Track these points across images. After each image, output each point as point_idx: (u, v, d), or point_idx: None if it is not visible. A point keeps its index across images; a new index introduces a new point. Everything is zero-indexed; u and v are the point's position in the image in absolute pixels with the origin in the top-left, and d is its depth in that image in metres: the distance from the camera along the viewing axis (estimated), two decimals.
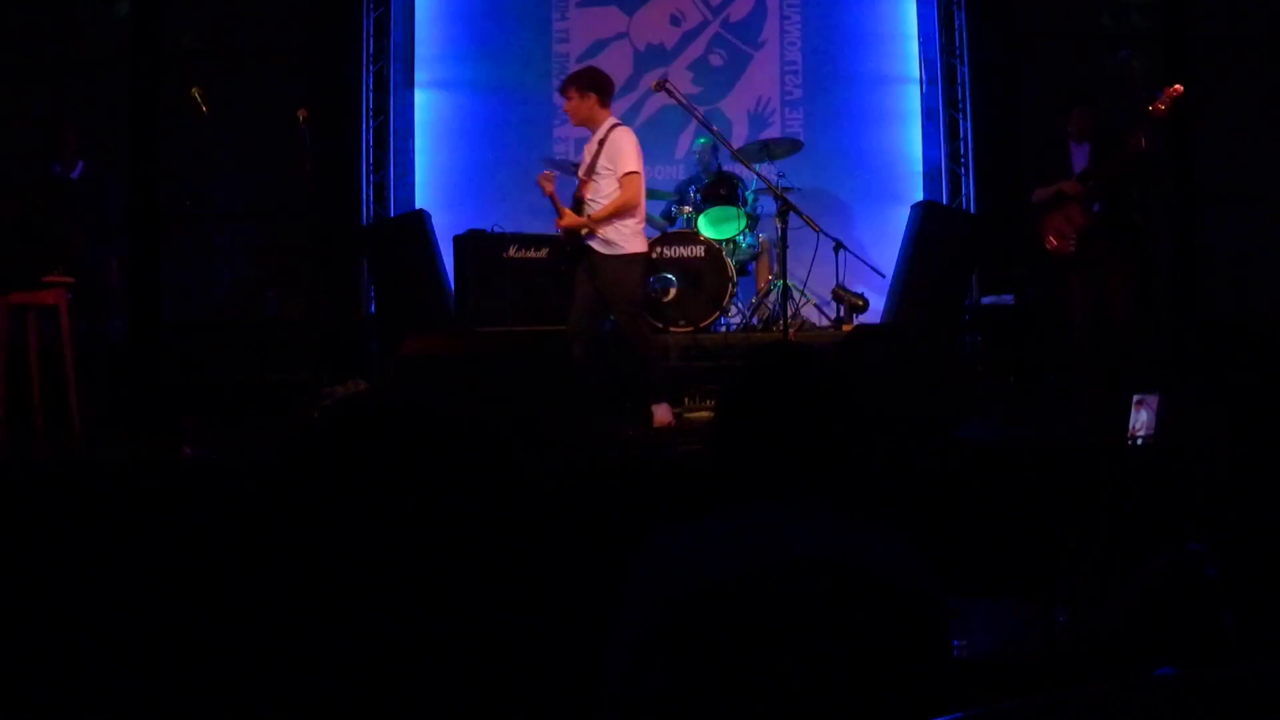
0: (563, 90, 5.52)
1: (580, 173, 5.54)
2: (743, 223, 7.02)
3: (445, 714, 0.80)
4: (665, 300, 6.71)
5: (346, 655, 0.79)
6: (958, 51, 7.84)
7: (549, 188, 5.49)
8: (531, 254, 6.92)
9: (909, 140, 8.17)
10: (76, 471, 4.49)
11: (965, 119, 7.84)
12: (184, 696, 3.03)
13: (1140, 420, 4.01)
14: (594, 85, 5.42)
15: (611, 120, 5.46)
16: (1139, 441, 3.95)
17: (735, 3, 8.20)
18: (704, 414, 5.66)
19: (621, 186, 5.32)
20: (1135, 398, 4.07)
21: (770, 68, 8.22)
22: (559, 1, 8.27)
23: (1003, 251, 7.62)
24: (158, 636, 3.50)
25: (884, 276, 7.15)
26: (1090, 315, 5.75)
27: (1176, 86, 5.36)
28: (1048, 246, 5.82)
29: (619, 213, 5.32)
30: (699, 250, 6.76)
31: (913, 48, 8.14)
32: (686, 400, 6.02)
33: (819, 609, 1.46)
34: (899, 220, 7.56)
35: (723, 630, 1.46)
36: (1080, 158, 5.75)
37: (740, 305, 7.16)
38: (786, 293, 6.13)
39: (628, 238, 5.35)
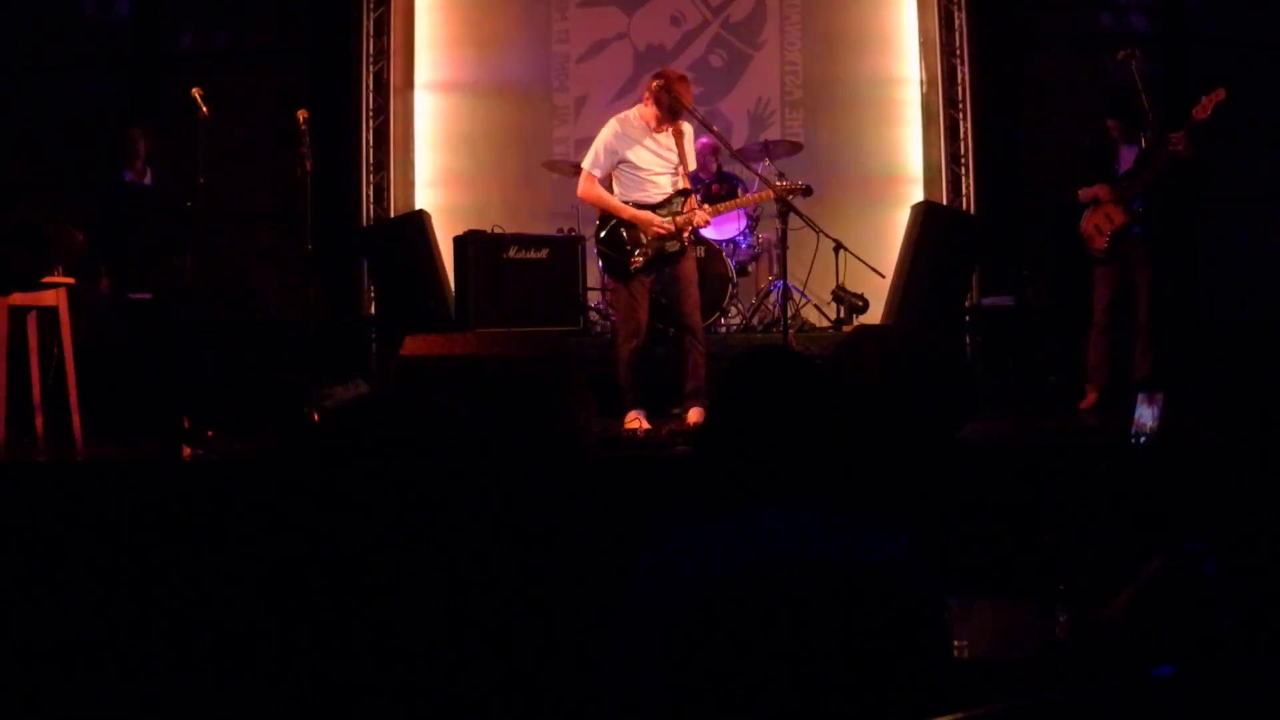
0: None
1: (676, 169, 5.37)
2: (742, 223, 7.02)
3: (447, 714, 0.80)
4: (665, 301, 6.70)
5: (347, 656, 0.79)
6: (958, 51, 7.84)
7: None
8: (531, 254, 6.91)
9: (909, 140, 8.16)
10: (76, 471, 4.50)
11: (965, 119, 7.83)
12: (183, 696, 3.03)
13: (1144, 418, 4.02)
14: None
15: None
16: (1142, 440, 3.95)
17: (735, 3, 8.20)
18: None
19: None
20: (1140, 395, 4.08)
21: (770, 68, 8.21)
22: (559, 1, 8.26)
23: (1003, 252, 7.63)
24: (158, 636, 3.50)
25: (884, 277, 7.15)
26: (1110, 312, 5.80)
27: (1219, 91, 5.37)
28: (1085, 240, 5.89)
29: None
30: (699, 250, 6.75)
31: (913, 48, 8.14)
32: None
33: (819, 609, 1.47)
34: (899, 221, 7.56)
35: (723, 630, 1.46)
36: (1128, 159, 5.80)
37: (740, 306, 7.15)
38: (786, 293, 6.13)
39: None
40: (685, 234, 5.33)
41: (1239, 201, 7.84)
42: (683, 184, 5.34)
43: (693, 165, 5.43)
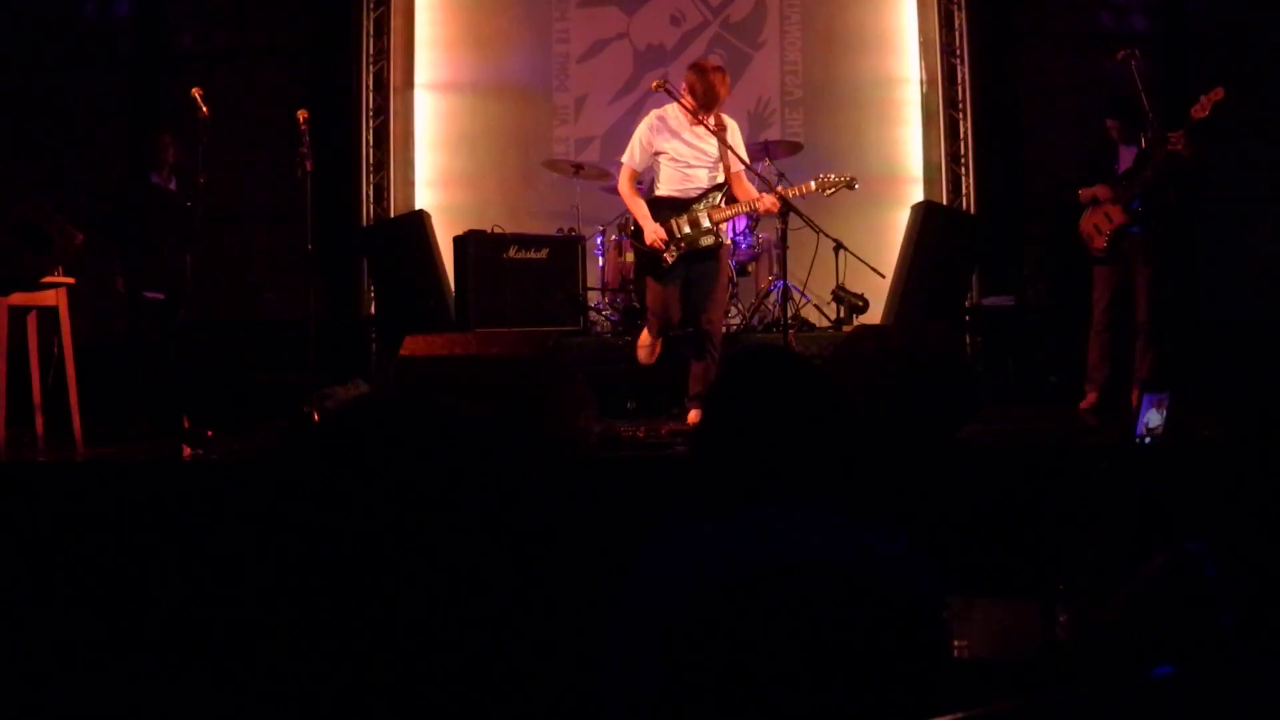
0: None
1: (715, 164, 5.32)
2: (742, 223, 7.02)
3: (447, 714, 0.80)
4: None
5: (348, 656, 0.79)
6: (958, 51, 7.84)
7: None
8: (531, 254, 6.91)
9: (909, 140, 8.16)
10: (76, 471, 4.49)
11: (965, 119, 7.84)
12: (183, 696, 3.03)
13: (1152, 419, 4.02)
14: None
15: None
16: (1149, 440, 3.95)
17: (735, 3, 8.20)
18: None
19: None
20: (1147, 396, 4.08)
21: (770, 68, 8.22)
22: (559, 1, 8.27)
23: (1003, 252, 7.63)
24: (158, 636, 3.50)
25: (884, 277, 7.14)
26: (1109, 312, 5.81)
27: (1218, 90, 5.36)
28: (1084, 240, 5.91)
29: None
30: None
31: (913, 48, 8.14)
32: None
33: (819, 609, 1.46)
34: (899, 220, 7.56)
35: (723, 630, 1.46)
36: (1127, 159, 5.82)
37: (740, 306, 7.15)
38: (786, 293, 6.13)
39: None
40: (723, 230, 5.36)
41: (1239, 201, 7.84)
42: (720, 178, 5.34)
43: (738, 165, 5.38)
